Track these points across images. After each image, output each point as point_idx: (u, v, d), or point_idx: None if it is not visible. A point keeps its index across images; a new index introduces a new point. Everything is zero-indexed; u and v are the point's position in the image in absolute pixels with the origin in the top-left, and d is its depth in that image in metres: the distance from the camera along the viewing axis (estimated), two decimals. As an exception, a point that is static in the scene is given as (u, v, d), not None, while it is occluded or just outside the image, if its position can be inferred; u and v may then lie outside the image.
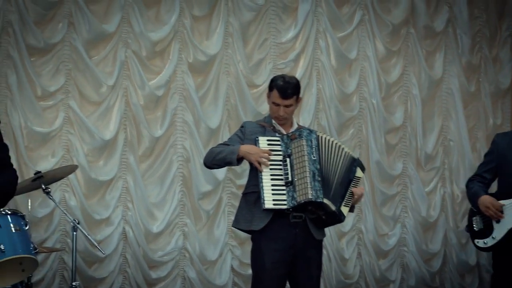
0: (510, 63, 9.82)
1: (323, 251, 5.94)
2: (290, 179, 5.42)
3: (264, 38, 8.67)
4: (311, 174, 5.38)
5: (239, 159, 5.54)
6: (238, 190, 8.17)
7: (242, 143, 5.59)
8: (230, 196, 8.43)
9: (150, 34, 8.19)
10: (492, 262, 6.52)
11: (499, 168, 6.38)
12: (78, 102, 7.95)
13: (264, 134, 5.62)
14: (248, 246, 7.23)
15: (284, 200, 5.42)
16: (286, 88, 5.64)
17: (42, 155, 7.85)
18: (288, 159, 5.46)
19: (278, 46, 8.71)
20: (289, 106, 5.65)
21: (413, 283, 9.19)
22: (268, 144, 5.52)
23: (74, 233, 6.54)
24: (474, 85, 9.64)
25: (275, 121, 5.71)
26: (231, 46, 8.49)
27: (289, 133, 5.58)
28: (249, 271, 7.57)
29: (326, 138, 5.57)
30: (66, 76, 7.91)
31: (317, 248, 5.69)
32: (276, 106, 5.66)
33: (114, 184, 8.06)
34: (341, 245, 8.88)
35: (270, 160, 5.45)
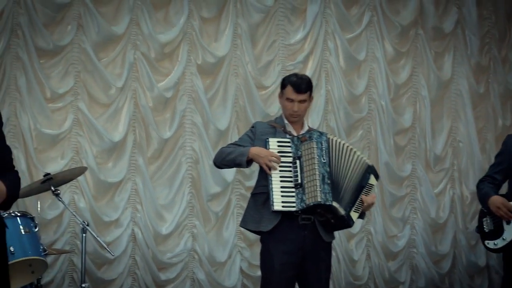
0: (519, 64, 9.82)
1: (332, 253, 5.93)
2: (299, 182, 5.41)
3: (272, 39, 8.67)
4: (321, 176, 5.36)
5: (249, 161, 5.54)
6: (247, 192, 8.17)
7: (253, 143, 5.58)
8: (239, 197, 8.43)
9: (159, 36, 8.20)
10: (502, 264, 6.50)
11: (510, 169, 6.36)
12: (87, 104, 7.96)
13: (274, 134, 5.61)
14: (257, 247, 7.22)
15: (293, 202, 5.40)
16: (300, 83, 5.67)
17: (51, 157, 7.87)
18: (298, 161, 5.45)
19: (286, 47, 8.71)
20: (303, 102, 5.65)
21: (422, 285, 9.18)
22: (278, 145, 5.50)
23: (84, 235, 6.55)
24: (483, 86, 9.61)
25: (289, 118, 5.69)
26: (240, 47, 8.50)
27: (299, 135, 5.57)
28: (258, 273, 7.57)
29: (337, 141, 5.55)
30: (75, 78, 7.92)
31: (326, 250, 5.67)
32: (290, 102, 5.65)
33: (123, 186, 8.07)
34: (350, 246, 8.88)
35: (280, 161, 5.44)
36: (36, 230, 6.28)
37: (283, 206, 5.40)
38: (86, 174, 7.66)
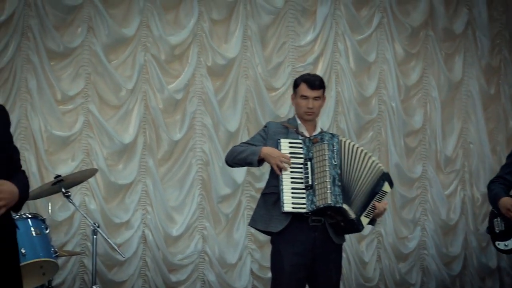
0: (530, 65, 9.79)
1: (343, 254, 5.92)
2: (310, 183, 5.40)
3: (282, 41, 8.67)
4: (331, 178, 5.35)
5: (260, 161, 5.54)
6: (257, 193, 8.16)
7: (265, 143, 5.58)
8: (249, 199, 8.43)
9: (169, 38, 8.21)
10: (513, 265, 6.49)
11: (521, 170, 6.34)
12: (97, 106, 7.97)
13: (286, 135, 5.61)
14: (267, 249, 7.23)
15: (303, 203, 5.40)
16: (313, 80, 5.71)
17: (62, 159, 7.88)
18: (309, 163, 5.44)
19: (296, 49, 8.71)
20: (317, 99, 5.66)
21: (433, 286, 9.16)
22: (290, 146, 5.50)
23: (94, 236, 6.55)
24: (493, 87, 9.60)
25: (304, 117, 5.68)
26: (250, 49, 8.50)
27: (311, 136, 5.57)
28: (268, 274, 7.56)
29: (350, 143, 5.53)
30: (85, 80, 7.94)
31: (336, 251, 5.66)
32: (304, 99, 5.65)
33: (133, 187, 8.08)
34: (360, 248, 8.87)
35: (291, 163, 5.44)
36: (47, 232, 6.28)
37: (293, 207, 5.39)
38: (96, 176, 7.67)
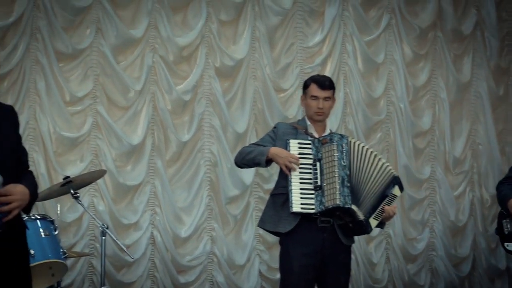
0: (539, 66, 9.77)
1: (351, 256, 5.91)
2: (319, 184, 5.40)
3: (290, 42, 8.67)
4: (340, 179, 5.35)
5: (268, 161, 5.54)
6: (265, 195, 8.16)
7: (274, 144, 5.58)
8: (257, 200, 8.43)
9: (177, 39, 8.21)
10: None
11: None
12: (106, 107, 7.98)
13: (296, 136, 5.61)
14: (276, 250, 7.22)
15: (312, 204, 5.39)
16: (323, 80, 5.73)
17: (70, 160, 7.89)
18: (318, 163, 5.44)
19: (305, 50, 8.70)
20: (327, 100, 5.66)
21: (442, 288, 9.16)
22: (299, 147, 5.50)
23: (103, 237, 6.56)
24: (502, 88, 9.57)
25: (314, 117, 5.68)
26: (258, 50, 8.50)
27: (320, 137, 5.56)
28: (277, 276, 7.57)
29: (359, 145, 5.53)
30: (94, 81, 7.95)
31: (345, 252, 5.66)
32: (314, 100, 5.65)
33: (142, 188, 8.09)
34: (369, 249, 8.85)
35: (300, 163, 5.44)
36: (56, 233, 6.30)
37: (302, 208, 5.40)
38: (105, 177, 7.68)
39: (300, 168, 5.43)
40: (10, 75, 7.64)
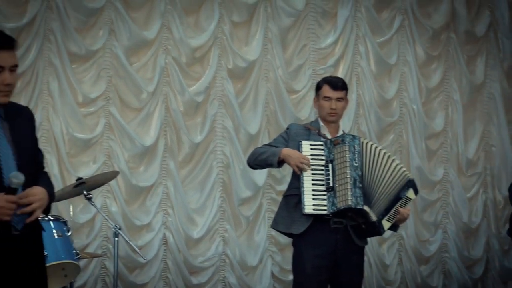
0: (552, 68, 9.72)
1: (364, 257, 5.90)
2: (331, 185, 5.40)
3: (303, 43, 8.66)
4: (352, 180, 5.35)
5: (280, 162, 5.54)
6: (278, 196, 8.16)
7: (287, 145, 5.59)
8: (270, 202, 8.43)
9: (190, 40, 8.21)
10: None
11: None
12: (118, 109, 7.99)
13: (308, 136, 5.61)
14: (288, 252, 7.22)
15: (324, 205, 5.40)
16: (336, 81, 5.75)
17: (83, 161, 7.90)
18: (330, 165, 5.44)
19: (317, 51, 8.69)
20: (340, 100, 5.67)
21: (455, 290, 9.14)
22: (311, 148, 5.50)
23: (116, 238, 6.56)
24: (516, 90, 9.56)
25: (327, 118, 5.68)
26: (270, 51, 8.50)
27: (332, 138, 5.56)
28: (289, 277, 7.57)
29: (372, 145, 5.52)
30: (107, 82, 7.96)
31: (358, 253, 5.66)
32: (327, 101, 5.65)
33: (154, 190, 8.10)
34: (382, 251, 8.84)
35: (312, 164, 5.44)
36: (68, 234, 6.30)
37: (314, 209, 5.40)
38: (118, 178, 7.68)
39: (312, 169, 5.44)
40: (23, 77, 7.65)
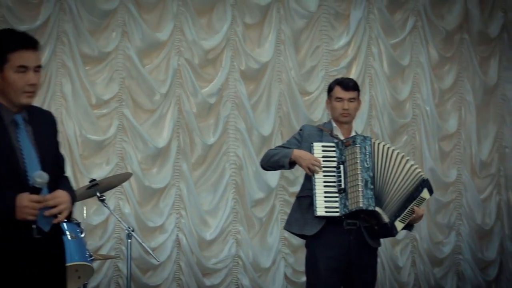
0: None
1: (377, 259, 5.90)
2: (343, 187, 5.40)
3: (316, 45, 8.65)
4: (363, 182, 5.34)
5: (291, 163, 5.54)
6: (290, 197, 8.14)
7: (300, 146, 5.58)
8: (283, 203, 8.42)
9: (203, 42, 8.22)
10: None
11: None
12: (131, 110, 8.00)
13: (321, 138, 5.61)
14: (301, 253, 7.21)
15: (336, 207, 5.39)
16: (347, 81, 5.75)
17: (96, 163, 7.92)
18: (342, 166, 5.43)
19: (330, 53, 8.68)
20: (352, 101, 5.66)
21: (468, 292, 9.11)
22: (322, 150, 5.49)
23: (129, 240, 6.55)
24: (530, 91, 9.52)
25: (339, 118, 5.67)
26: (283, 53, 8.49)
27: (343, 139, 5.55)
28: (302, 279, 7.55)
29: (384, 146, 5.50)
30: (120, 84, 7.97)
31: (372, 255, 5.65)
32: (339, 101, 5.65)
33: (167, 191, 8.10)
34: (395, 253, 8.82)
35: (324, 166, 5.43)
36: (82, 235, 6.30)
37: (326, 212, 5.40)
38: (131, 180, 7.68)
39: (324, 171, 5.43)
40: (36, 79, 7.66)
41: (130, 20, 7.98)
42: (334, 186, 5.43)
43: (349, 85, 5.70)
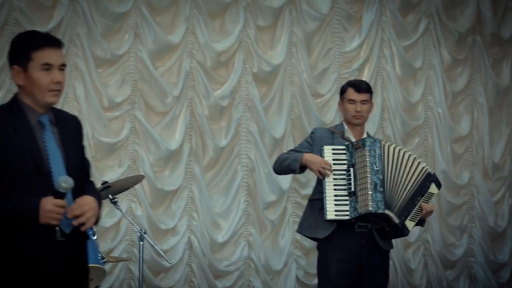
0: None
1: (389, 261, 5.89)
2: (353, 190, 5.40)
3: (328, 47, 8.65)
4: (373, 185, 5.34)
5: (302, 167, 5.55)
6: (302, 200, 8.15)
7: (311, 149, 5.59)
8: (294, 205, 8.42)
9: (215, 44, 8.23)
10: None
11: None
12: (144, 113, 8.01)
13: (332, 140, 5.61)
14: (313, 256, 7.21)
15: (346, 210, 5.40)
16: (360, 83, 5.76)
17: (108, 166, 7.93)
18: (352, 169, 5.44)
19: (342, 55, 8.68)
20: (365, 103, 5.66)
21: (481, 294, 9.09)
22: (333, 153, 5.50)
23: (141, 242, 6.55)
24: (542, 93, 9.50)
25: (352, 121, 5.68)
26: (295, 55, 8.50)
27: (353, 142, 5.55)
28: (314, 281, 7.55)
29: (393, 148, 5.50)
30: (132, 87, 7.98)
31: (383, 257, 5.65)
32: (352, 103, 5.65)
33: (179, 194, 8.11)
34: (407, 255, 8.81)
35: (334, 169, 5.44)
36: (94, 238, 6.31)
37: (336, 215, 5.42)
38: (143, 182, 7.69)
39: (334, 174, 5.44)
40: (49, 81, 7.68)
41: (143, 22, 7.99)
42: (344, 189, 5.44)
43: (362, 87, 5.70)
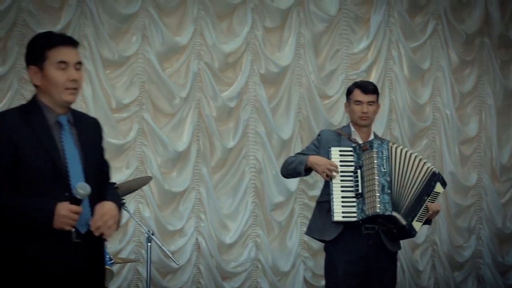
0: None
1: (397, 263, 5.89)
2: (360, 191, 5.41)
3: (336, 49, 8.65)
4: (380, 186, 5.34)
5: (307, 170, 5.55)
6: (310, 201, 8.15)
7: (318, 152, 5.59)
8: (302, 207, 8.42)
9: (223, 46, 8.23)
10: None
11: None
12: (151, 114, 8.02)
13: (339, 142, 5.62)
14: (320, 257, 7.20)
15: (353, 212, 5.41)
16: (367, 84, 5.77)
17: (116, 167, 7.91)
18: (359, 171, 5.44)
19: (350, 56, 8.68)
20: (371, 104, 5.66)
21: (489, 296, 9.08)
22: (340, 154, 5.50)
23: (149, 244, 6.57)
24: (550, 94, 9.47)
25: (358, 122, 5.68)
26: (303, 57, 8.49)
27: (361, 144, 5.55)
28: (321, 283, 7.54)
29: (400, 149, 5.51)
30: (140, 88, 7.99)
31: (391, 259, 5.65)
32: (358, 105, 5.66)
33: (187, 195, 8.12)
34: (414, 256, 8.80)
35: (341, 171, 5.44)
36: (102, 239, 6.33)
37: (343, 217, 5.42)
38: (150, 184, 7.70)
39: (341, 175, 5.45)
40: (57, 82, 7.69)
41: (151, 24, 8.00)
42: (352, 191, 5.44)
43: (368, 88, 5.70)
